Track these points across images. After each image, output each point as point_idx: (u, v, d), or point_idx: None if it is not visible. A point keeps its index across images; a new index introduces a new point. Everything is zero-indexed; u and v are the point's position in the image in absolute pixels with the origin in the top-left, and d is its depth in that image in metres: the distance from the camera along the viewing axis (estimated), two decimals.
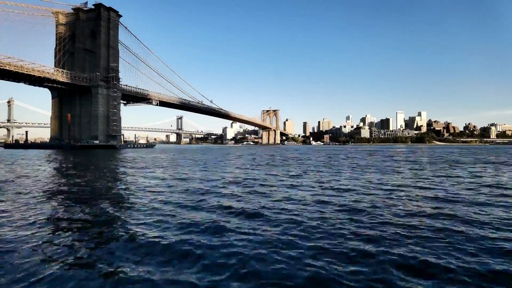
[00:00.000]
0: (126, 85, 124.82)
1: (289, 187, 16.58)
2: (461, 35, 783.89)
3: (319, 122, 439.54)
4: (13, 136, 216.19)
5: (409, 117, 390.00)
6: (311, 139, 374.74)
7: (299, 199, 13.01)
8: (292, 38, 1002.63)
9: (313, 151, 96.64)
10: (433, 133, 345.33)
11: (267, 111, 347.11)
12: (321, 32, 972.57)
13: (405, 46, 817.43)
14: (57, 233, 8.16)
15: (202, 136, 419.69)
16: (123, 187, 16.85)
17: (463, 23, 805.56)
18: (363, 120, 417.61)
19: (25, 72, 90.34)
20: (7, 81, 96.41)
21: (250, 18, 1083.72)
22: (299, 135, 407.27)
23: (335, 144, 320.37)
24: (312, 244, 7.28)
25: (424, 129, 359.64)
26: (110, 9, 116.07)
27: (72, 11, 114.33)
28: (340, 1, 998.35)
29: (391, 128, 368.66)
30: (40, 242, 7.34)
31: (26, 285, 5.24)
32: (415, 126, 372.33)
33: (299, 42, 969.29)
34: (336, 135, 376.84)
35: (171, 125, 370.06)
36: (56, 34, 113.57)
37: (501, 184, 17.46)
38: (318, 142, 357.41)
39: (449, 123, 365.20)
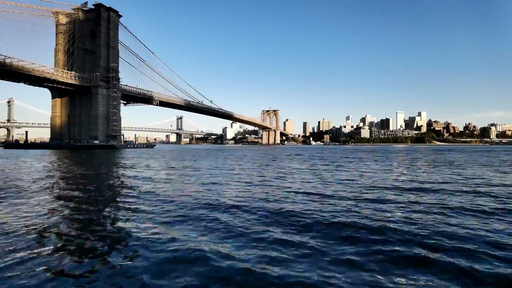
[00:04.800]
0: (126, 85, 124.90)
1: None
2: (462, 35, 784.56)
3: (319, 122, 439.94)
4: (13, 136, 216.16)
5: (409, 117, 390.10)
6: (311, 139, 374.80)
7: None
8: (292, 38, 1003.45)
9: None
10: (433, 133, 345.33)
11: (267, 111, 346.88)
12: (321, 32, 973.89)
13: (405, 46, 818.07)
14: (54, 235, 8.19)
15: (202, 136, 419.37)
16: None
17: (464, 23, 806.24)
18: (363, 120, 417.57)
19: (25, 72, 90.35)
20: (7, 81, 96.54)
21: (250, 19, 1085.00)
22: (299, 135, 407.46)
23: (335, 144, 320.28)
24: None
25: (424, 129, 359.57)
26: (110, 9, 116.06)
27: (72, 11, 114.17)
28: (341, 1, 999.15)
29: (391, 128, 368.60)
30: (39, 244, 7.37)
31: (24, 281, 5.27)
32: (415, 126, 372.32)
33: (299, 42, 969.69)
34: (336, 135, 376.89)
35: (171, 125, 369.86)
36: (56, 34, 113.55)
37: None
38: (318, 142, 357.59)
39: (449, 123, 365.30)
